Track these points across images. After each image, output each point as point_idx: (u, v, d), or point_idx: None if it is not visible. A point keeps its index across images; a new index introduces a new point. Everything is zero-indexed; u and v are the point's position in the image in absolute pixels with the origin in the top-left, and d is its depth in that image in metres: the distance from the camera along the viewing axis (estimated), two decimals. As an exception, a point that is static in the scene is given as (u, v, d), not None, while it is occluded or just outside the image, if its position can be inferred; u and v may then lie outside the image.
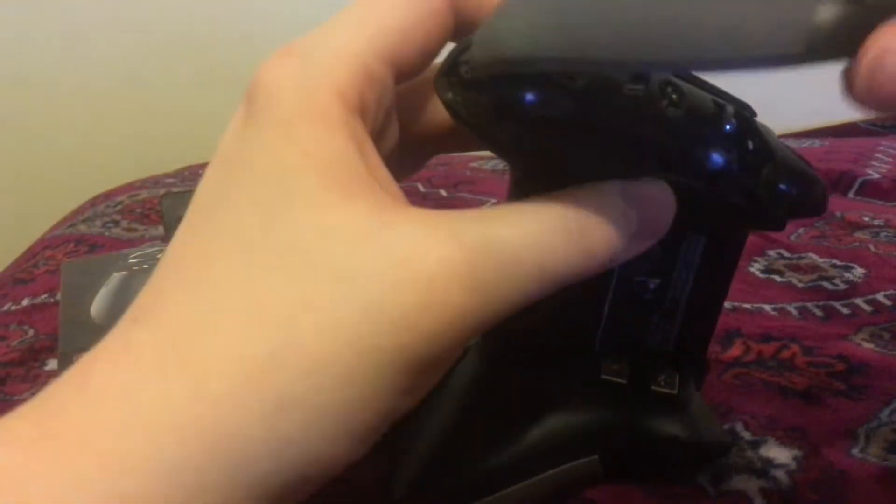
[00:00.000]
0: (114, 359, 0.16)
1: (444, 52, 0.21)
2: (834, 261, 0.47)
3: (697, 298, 0.24)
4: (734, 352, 0.36)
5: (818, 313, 0.40)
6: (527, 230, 0.17)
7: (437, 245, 0.16)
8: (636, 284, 0.24)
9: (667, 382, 0.25)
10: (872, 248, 0.49)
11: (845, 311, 0.41)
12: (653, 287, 0.24)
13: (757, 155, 0.21)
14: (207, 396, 0.15)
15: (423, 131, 0.23)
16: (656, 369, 0.25)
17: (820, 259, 0.48)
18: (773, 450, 0.29)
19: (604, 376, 0.25)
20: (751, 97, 0.22)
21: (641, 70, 0.18)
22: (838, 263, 0.47)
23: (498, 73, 0.18)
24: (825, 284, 0.44)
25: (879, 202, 0.59)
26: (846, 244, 0.50)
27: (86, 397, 0.15)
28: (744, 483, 0.27)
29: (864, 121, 1.01)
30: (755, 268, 0.47)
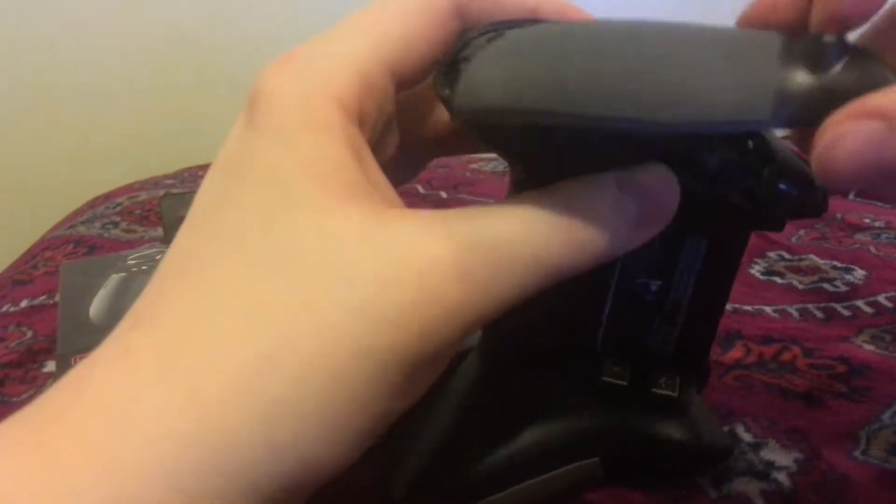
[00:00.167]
0: (112, 364, 0.16)
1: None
2: (834, 262, 0.47)
3: (699, 301, 0.24)
4: (735, 354, 0.36)
5: (819, 315, 0.40)
6: (519, 224, 0.17)
7: (431, 243, 0.16)
8: (638, 286, 0.24)
9: (668, 385, 0.25)
10: (873, 249, 0.49)
11: (846, 313, 0.40)
12: (654, 289, 0.24)
13: (757, 155, 0.20)
14: (204, 401, 0.15)
15: (423, 135, 0.23)
16: (657, 372, 0.25)
17: (821, 261, 0.48)
18: (774, 452, 0.29)
19: (605, 378, 0.25)
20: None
21: (611, 131, 0.18)
22: (839, 265, 0.47)
23: (480, 122, 0.18)
24: (826, 286, 0.44)
25: (880, 204, 0.59)
26: (847, 246, 0.50)
27: (84, 403, 0.15)
28: (745, 485, 0.27)
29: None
30: (756, 269, 0.47)
